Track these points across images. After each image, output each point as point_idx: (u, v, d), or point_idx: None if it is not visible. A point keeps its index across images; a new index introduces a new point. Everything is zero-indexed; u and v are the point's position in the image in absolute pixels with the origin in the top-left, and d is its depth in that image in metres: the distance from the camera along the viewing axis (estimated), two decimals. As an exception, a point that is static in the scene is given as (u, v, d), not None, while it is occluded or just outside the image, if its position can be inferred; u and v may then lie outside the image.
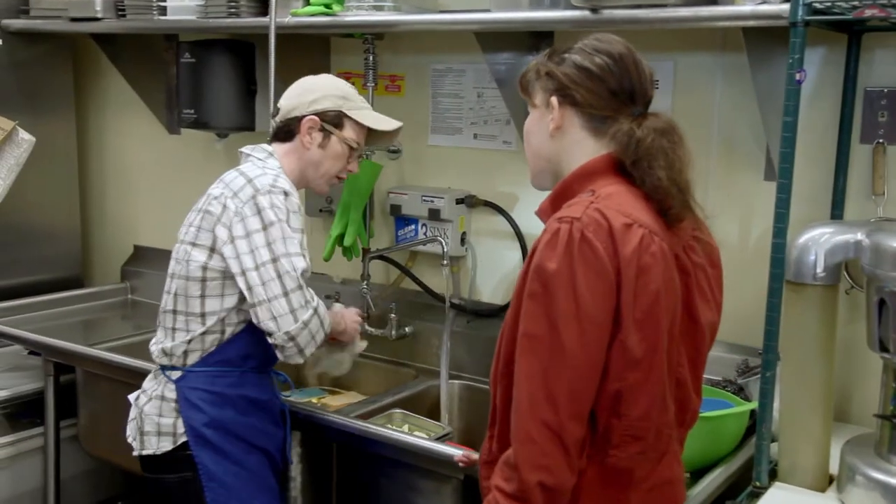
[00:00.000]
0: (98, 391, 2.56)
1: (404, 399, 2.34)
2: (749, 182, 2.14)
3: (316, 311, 1.82)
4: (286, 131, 1.96)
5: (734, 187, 2.16)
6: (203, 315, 1.87)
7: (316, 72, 2.75)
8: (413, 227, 2.60)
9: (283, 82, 2.66)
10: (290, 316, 1.78)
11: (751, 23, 1.78)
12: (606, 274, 1.20)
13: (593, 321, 1.20)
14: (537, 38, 2.37)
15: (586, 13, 1.94)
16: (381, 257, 2.66)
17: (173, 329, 1.91)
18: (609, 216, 1.23)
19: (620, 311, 1.21)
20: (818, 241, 1.66)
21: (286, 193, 1.84)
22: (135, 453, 1.94)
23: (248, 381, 1.92)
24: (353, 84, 2.70)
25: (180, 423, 1.88)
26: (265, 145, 1.98)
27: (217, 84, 2.76)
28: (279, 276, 1.77)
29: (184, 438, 1.88)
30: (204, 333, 1.87)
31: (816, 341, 1.69)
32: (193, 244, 1.86)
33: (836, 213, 1.98)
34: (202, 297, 1.86)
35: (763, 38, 1.89)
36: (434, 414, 2.38)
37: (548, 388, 1.21)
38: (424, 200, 2.53)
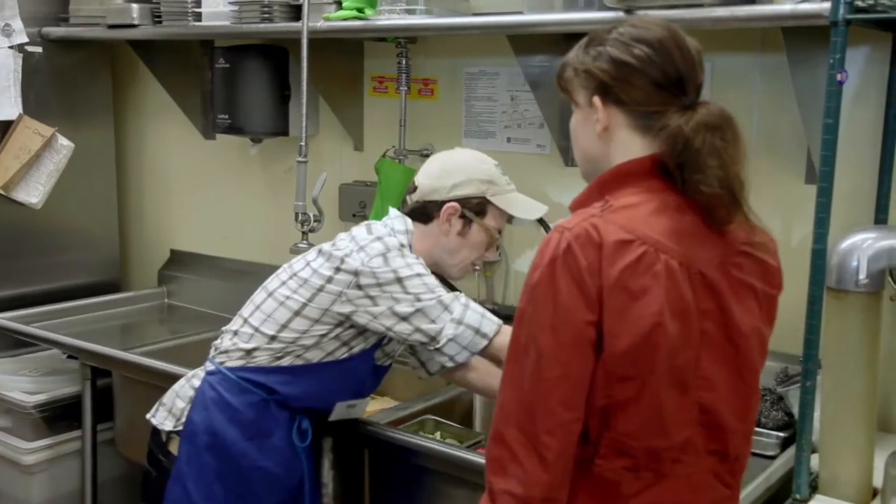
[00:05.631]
0: (134, 395, 2.58)
1: (437, 405, 2.32)
2: (790, 185, 2.09)
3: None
4: (424, 213, 1.85)
5: (774, 191, 2.11)
6: (274, 338, 1.83)
7: (351, 76, 2.78)
8: (446, 231, 2.58)
9: (317, 87, 2.70)
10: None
11: (790, 23, 1.74)
12: (586, 289, 1.16)
13: (571, 332, 1.17)
14: (571, 40, 2.33)
15: (620, 14, 1.90)
16: (414, 262, 2.65)
17: (235, 333, 1.88)
18: (603, 231, 1.18)
19: (603, 328, 1.17)
20: (861, 246, 1.61)
21: (401, 245, 1.80)
22: (147, 415, 1.95)
23: (269, 410, 1.86)
24: (385, 88, 2.75)
25: (187, 411, 1.88)
26: (408, 220, 1.88)
27: (251, 89, 2.78)
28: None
29: (181, 427, 1.87)
30: (259, 348, 1.83)
31: (859, 349, 1.63)
32: (306, 280, 1.81)
33: (881, 217, 1.92)
34: (284, 325, 1.82)
35: (803, 38, 1.84)
36: (467, 420, 2.36)
37: (524, 398, 1.19)
38: (457, 205, 2.51)
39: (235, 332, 1.88)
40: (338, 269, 1.77)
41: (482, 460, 1.81)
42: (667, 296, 1.18)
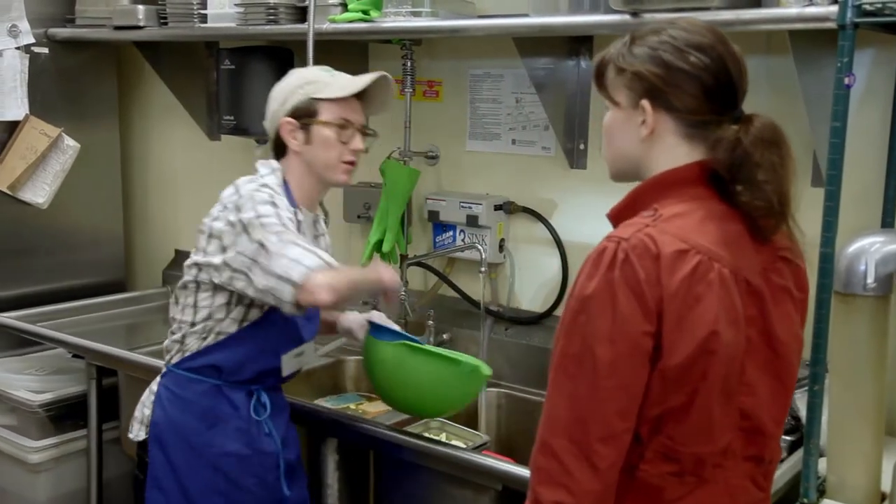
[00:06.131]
0: (139, 394, 2.57)
1: (442, 407, 2.32)
2: (796, 188, 2.07)
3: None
4: (278, 146, 1.89)
5: (780, 193, 2.10)
6: (193, 323, 1.87)
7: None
8: (451, 233, 2.59)
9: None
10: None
11: (797, 25, 1.73)
12: (645, 300, 1.16)
13: (629, 343, 1.16)
14: (576, 43, 2.35)
15: (626, 17, 1.90)
16: (419, 264, 2.65)
17: (172, 332, 1.94)
18: (660, 242, 1.17)
19: (662, 339, 1.17)
20: (868, 250, 1.61)
21: (272, 191, 1.80)
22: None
23: (222, 394, 1.89)
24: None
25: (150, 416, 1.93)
26: (275, 164, 1.90)
27: (256, 90, 2.77)
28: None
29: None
30: (186, 336, 1.88)
31: (867, 354, 1.63)
32: (193, 261, 1.87)
33: (888, 220, 1.92)
34: (195, 306, 1.86)
35: (810, 41, 1.84)
36: (472, 422, 2.35)
37: (578, 408, 1.18)
38: (462, 206, 2.51)
39: (172, 332, 1.93)
40: (209, 238, 1.81)
41: (487, 462, 1.85)
42: (721, 304, 1.18)
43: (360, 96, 1.89)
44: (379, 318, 2.01)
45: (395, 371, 1.87)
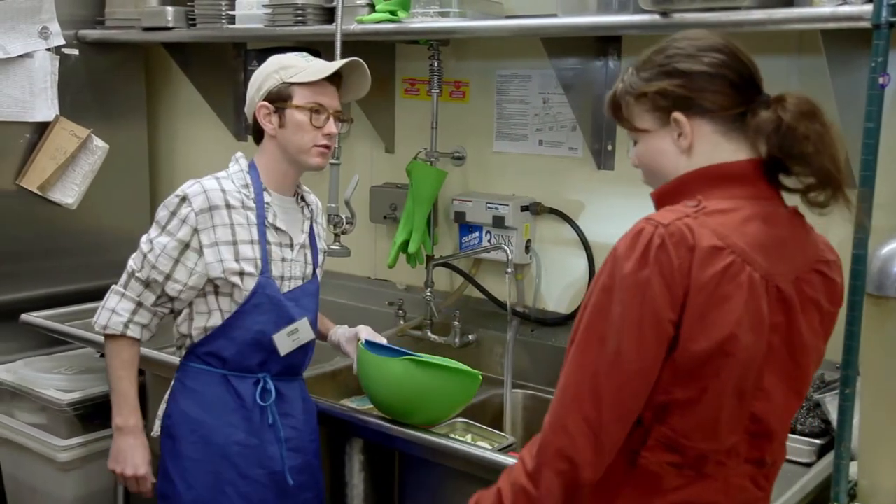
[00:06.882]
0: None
1: (467, 408, 2.31)
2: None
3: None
4: (256, 132, 1.95)
5: (810, 195, 2.08)
6: (190, 315, 1.92)
7: (382, 78, 2.79)
8: (477, 234, 2.58)
9: (349, 89, 2.70)
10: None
11: (830, 25, 1.71)
12: (674, 288, 1.16)
13: (654, 328, 1.17)
14: (605, 43, 2.34)
15: (656, 17, 1.89)
16: (445, 264, 2.65)
17: (176, 325, 1.98)
18: (697, 235, 1.17)
19: (681, 329, 1.18)
20: (902, 252, 1.59)
21: (183, 199, 1.88)
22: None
23: (230, 384, 1.91)
24: (417, 90, 2.75)
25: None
26: (240, 154, 1.99)
27: (283, 91, 2.79)
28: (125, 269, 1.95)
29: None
30: (187, 327, 1.93)
31: (900, 357, 1.61)
32: None
33: (920, 222, 1.89)
34: (187, 298, 1.92)
35: (843, 40, 1.82)
36: (497, 423, 2.35)
37: (596, 386, 1.19)
38: (489, 207, 2.51)
39: (176, 325, 1.98)
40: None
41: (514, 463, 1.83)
42: (746, 308, 1.18)
43: (337, 82, 1.93)
44: (367, 333, 2.06)
45: (398, 385, 1.91)
